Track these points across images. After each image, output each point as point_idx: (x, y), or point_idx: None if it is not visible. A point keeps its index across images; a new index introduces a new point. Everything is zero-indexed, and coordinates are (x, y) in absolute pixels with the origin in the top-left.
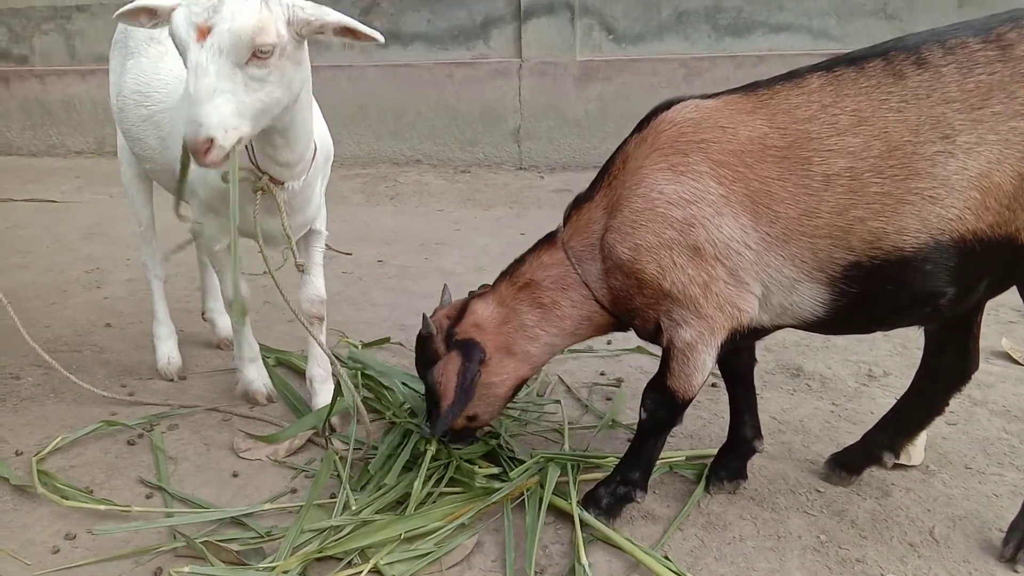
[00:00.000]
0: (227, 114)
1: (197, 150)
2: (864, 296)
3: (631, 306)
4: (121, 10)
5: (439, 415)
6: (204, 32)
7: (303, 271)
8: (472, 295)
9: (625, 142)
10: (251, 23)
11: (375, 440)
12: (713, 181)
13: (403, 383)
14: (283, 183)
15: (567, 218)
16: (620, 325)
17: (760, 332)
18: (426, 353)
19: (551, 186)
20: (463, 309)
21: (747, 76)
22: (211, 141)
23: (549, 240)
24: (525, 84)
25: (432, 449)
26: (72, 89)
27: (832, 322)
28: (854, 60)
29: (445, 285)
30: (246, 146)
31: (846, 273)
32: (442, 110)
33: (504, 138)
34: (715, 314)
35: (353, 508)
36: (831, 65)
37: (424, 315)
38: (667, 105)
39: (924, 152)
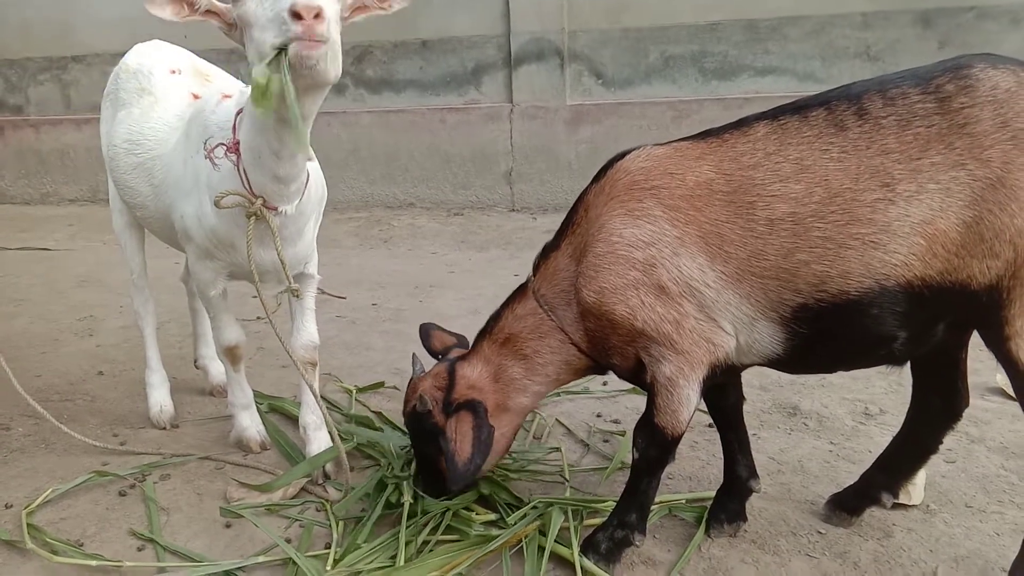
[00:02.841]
0: (333, 11)
1: (312, 7)
2: (817, 337)
3: (608, 345)
4: None
5: (455, 471)
6: None
7: (298, 296)
8: (451, 360)
9: (585, 191)
10: None
11: (356, 485)
12: (667, 224)
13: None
14: (277, 208)
15: (536, 268)
16: (598, 368)
17: (735, 368)
18: (426, 427)
19: (544, 227)
20: (451, 376)
21: (734, 117)
22: (321, 10)
23: (520, 292)
24: (516, 128)
25: (408, 499)
26: (67, 138)
27: (794, 361)
28: (799, 108)
29: (414, 355)
30: (240, 171)
31: (796, 314)
32: (435, 154)
33: (496, 180)
34: (692, 349)
35: (346, 560)
36: (777, 113)
37: (421, 395)
38: (621, 155)
39: (864, 199)
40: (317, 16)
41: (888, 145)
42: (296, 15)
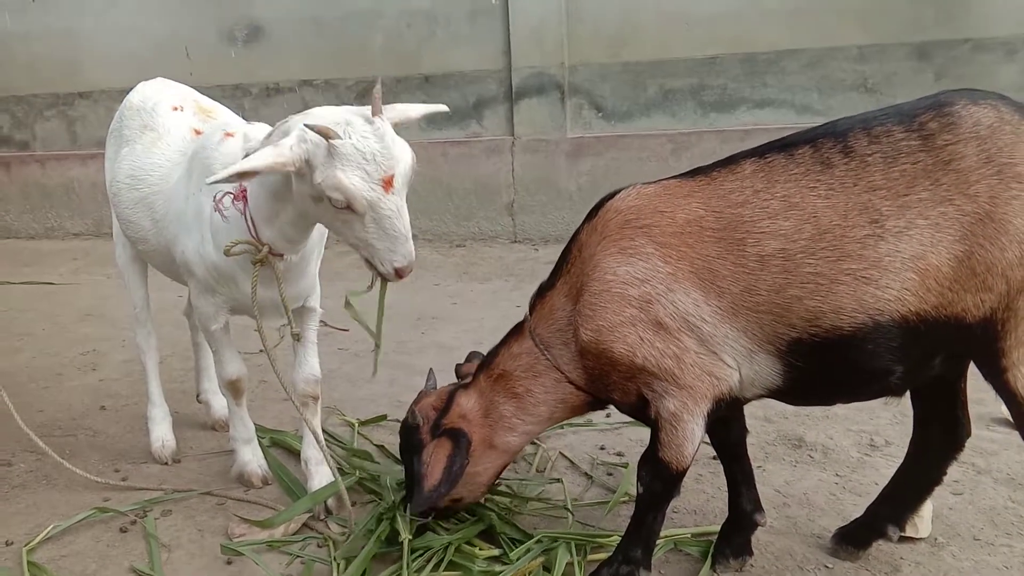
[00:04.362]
0: None
1: (407, 273)
2: (813, 370)
3: (608, 382)
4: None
5: (419, 494)
6: (389, 181)
7: (298, 339)
8: (457, 385)
9: (578, 231)
10: (411, 158)
11: (357, 521)
12: (660, 261)
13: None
14: (282, 255)
15: (532, 307)
16: (597, 404)
17: (739, 402)
18: (412, 441)
19: (545, 258)
20: (449, 400)
21: (732, 150)
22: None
23: (518, 330)
24: (518, 160)
25: (408, 536)
26: (72, 173)
27: (794, 392)
28: (785, 146)
29: (431, 370)
30: (247, 219)
31: (791, 348)
32: (437, 187)
33: (498, 212)
34: (695, 383)
35: None
36: (764, 151)
37: (412, 408)
38: (612, 195)
39: (854, 235)
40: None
41: (875, 182)
42: (399, 274)
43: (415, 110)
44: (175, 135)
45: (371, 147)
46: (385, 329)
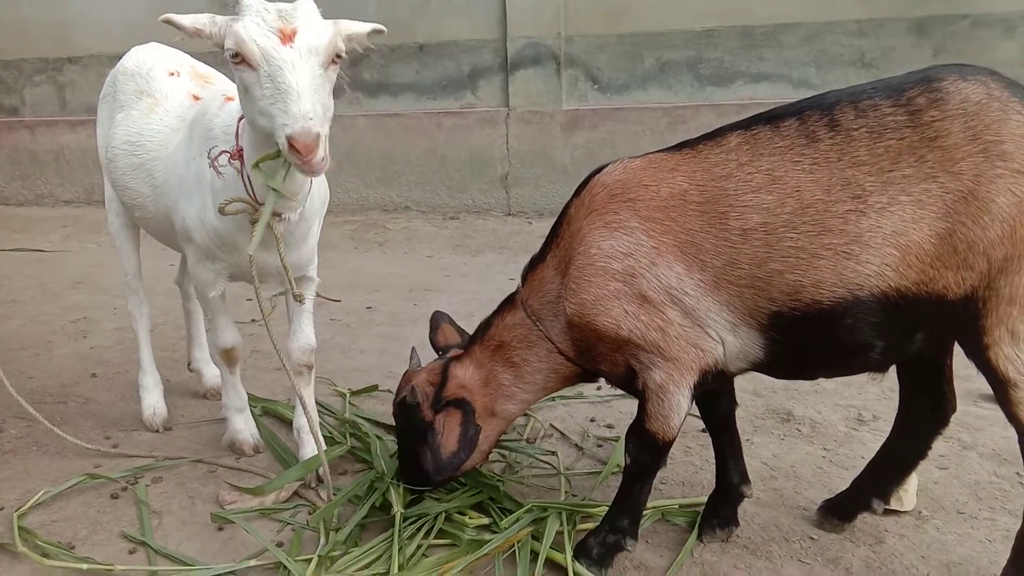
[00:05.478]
0: (322, 113)
1: (310, 145)
2: (794, 344)
3: (595, 354)
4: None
5: (439, 463)
6: (288, 35)
7: (301, 302)
8: (447, 359)
9: (568, 205)
10: (331, 28)
11: (342, 489)
12: (644, 235)
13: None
14: (281, 215)
15: (524, 279)
16: (586, 375)
17: (727, 375)
18: (414, 420)
19: (539, 231)
20: (444, 373)
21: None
22: (318, 137)
23: (510, 302)
24: (513, 132)
25: (400, 509)
26: (62, 139)
27: (776, 366)
28: (771, 119)
29: (413, 348)
30: (244, 177)
31: (772, 322)
32: (431, 158)
33: (492, 184)
34: (680, 355)
35: (337, 566)
36: (750, 124)
37: (412, 386)
38: (600, 169)
39: (836, 210)
40: (316, 148)
41: (859, 157)
42: (295, 149)
43: (369, 26)
44: (173, 101)
45: (277, 6)
46: (377, 300)
